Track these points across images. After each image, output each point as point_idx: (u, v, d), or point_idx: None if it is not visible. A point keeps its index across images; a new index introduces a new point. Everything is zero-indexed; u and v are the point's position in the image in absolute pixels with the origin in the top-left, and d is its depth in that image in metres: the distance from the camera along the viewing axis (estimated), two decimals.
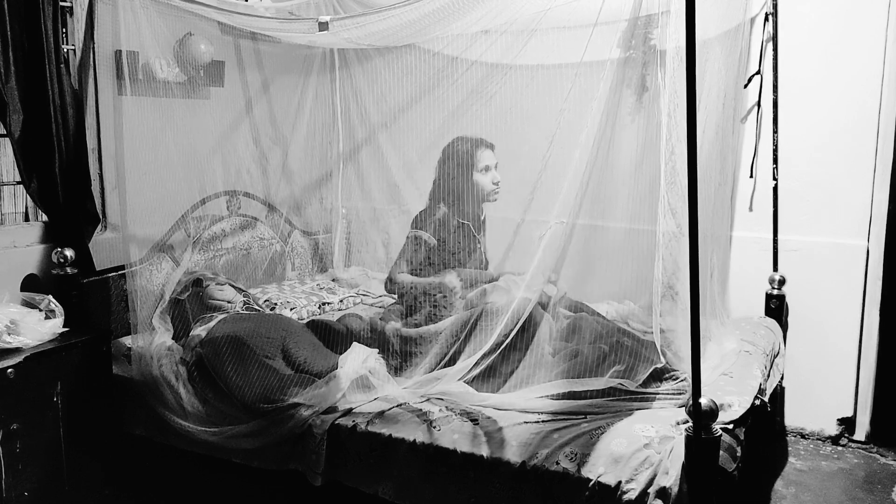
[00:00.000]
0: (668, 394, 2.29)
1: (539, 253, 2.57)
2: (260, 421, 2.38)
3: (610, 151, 3.01)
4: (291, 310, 3.25)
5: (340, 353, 2.67)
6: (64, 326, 2.47)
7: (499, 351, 2.48)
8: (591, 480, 1.96)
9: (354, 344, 2.67)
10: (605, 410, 2.24)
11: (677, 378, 2.32)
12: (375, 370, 2.52)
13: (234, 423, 2.45)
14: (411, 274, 2.89)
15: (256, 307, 3.08)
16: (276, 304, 3.27)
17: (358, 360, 2.53)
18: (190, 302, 2.94)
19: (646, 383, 2.32)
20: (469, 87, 3.13)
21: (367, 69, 3.77)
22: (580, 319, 2.69)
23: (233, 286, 3.09)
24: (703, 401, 1.80)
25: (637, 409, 2.23)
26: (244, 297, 3.07)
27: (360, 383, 2.43)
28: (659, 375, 2.35)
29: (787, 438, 3.38)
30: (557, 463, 2.00)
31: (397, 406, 2.33)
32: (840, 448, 3.30)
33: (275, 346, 2.60)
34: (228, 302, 2.96)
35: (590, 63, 2.86)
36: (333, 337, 2.83)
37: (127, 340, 2.85)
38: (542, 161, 2.92)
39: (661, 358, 2.35)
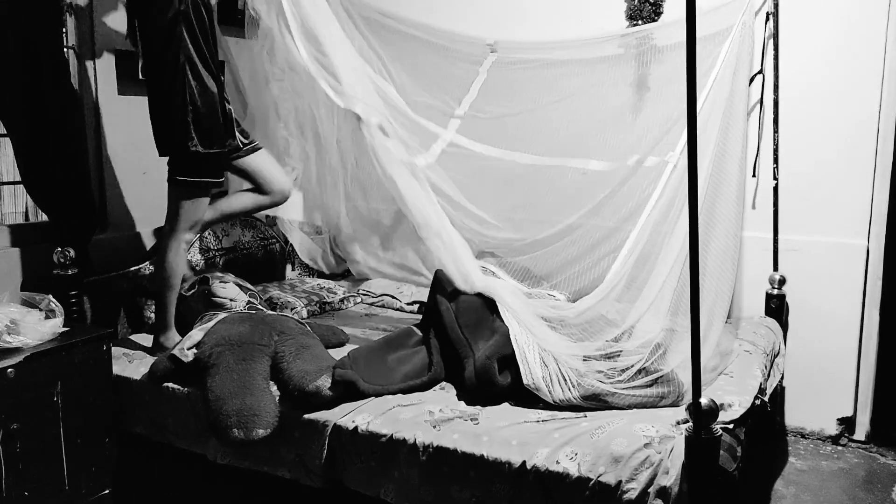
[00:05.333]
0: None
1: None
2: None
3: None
4: (292, 310, 3.25)
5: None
6: (64, 326, 2.47)
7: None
8: (591, 480, 1.96)
9: None
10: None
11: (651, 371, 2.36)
12: None
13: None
14: None
15: (260, 306, 3.06)
16: (276, 303, 3.27)
17: None
18: (194, 300, 2.93)
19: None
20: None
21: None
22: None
23: (237, 284, 3.07)
24: (703, 400, 1.80)
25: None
26: (249, 295, 3.06)
27: None
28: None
29: (787, 438, 3.38)
30: (557, 462, 2.00)
31: (397, 405, 2.33)
32: (840, 448, 3.30)
33: (266, 355, 2.52)
34: (231, 300, 2.95)
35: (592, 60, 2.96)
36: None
37: (127, 340, 2.85)
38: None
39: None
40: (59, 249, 2.65)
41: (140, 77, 2.63)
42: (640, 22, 3.41)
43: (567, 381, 2.33)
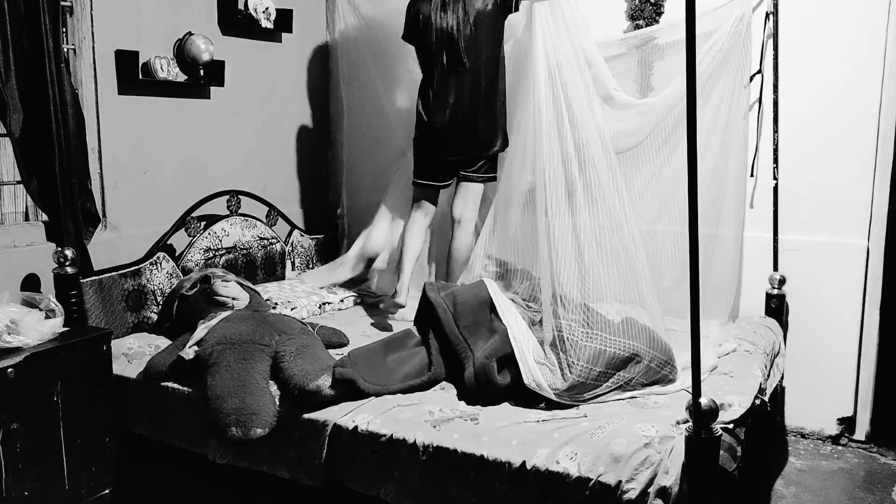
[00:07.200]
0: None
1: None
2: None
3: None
4: (292, 309, 3.25)
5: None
6: (64, 326, 2.47)
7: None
8: (591, 480, 1.96)
9: None
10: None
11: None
12: None
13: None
14: None
15: (263, 306, 3.05)
16: (276, 303, 3.27)
17: None
18: (196, 299, 2.93)
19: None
20: None
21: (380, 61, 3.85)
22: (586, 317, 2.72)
23: (239, 283, 3.07)
24: (703, 400, 1.80)
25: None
26: (251, 294, 3.05)
27: None
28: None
29: (787, 438, 3.38)
30: (557, 462, 2.00)
31: (397, 405, 2.33)
32: (840, 448, 3.30)
33: (266, 354, 2.52)
34: (233, 298, 2.94)
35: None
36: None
37: (127, 340, 2.85)
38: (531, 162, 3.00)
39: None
40: (59, 249, 2.65)
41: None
42: (641, 22, 3.41)
43: (567, 377, 2.33)
